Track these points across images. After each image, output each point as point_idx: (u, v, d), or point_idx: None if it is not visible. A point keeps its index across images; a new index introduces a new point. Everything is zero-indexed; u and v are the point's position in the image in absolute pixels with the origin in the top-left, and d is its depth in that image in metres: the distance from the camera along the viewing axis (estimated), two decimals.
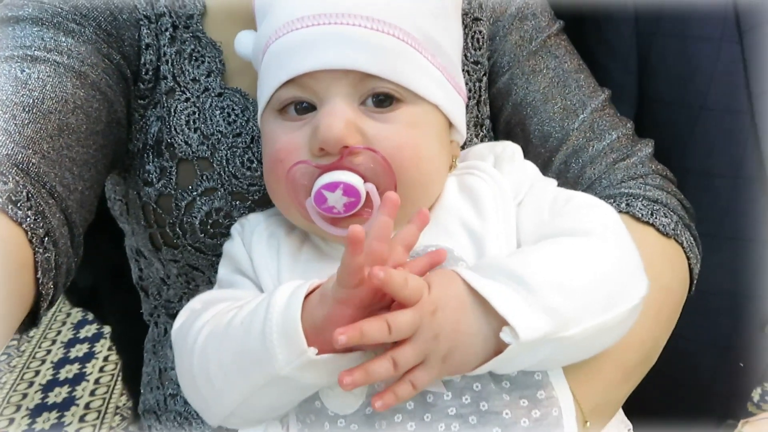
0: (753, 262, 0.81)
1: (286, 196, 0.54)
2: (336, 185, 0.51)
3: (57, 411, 1.89)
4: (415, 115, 0.55)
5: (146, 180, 0.68)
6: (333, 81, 0.52)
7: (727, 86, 0.75)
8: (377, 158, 0.52)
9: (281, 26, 0.54)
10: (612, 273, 0.50)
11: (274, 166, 0.55)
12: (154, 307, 0.82)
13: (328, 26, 0.52)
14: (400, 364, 0.45)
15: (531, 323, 0.45)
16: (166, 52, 0.67)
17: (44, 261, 0.48)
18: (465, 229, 0.56)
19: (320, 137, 0.51)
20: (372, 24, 0.52)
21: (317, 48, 0.52)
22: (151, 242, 0.70)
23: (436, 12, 0.57)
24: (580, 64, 0.75)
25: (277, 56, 0.54)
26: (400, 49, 0.53)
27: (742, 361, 0.86)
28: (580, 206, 0.56)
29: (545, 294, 0.46)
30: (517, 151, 0.63)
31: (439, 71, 0.56)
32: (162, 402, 0.79)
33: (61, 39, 0.61)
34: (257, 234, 0.60)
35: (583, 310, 0.47)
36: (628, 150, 0.71)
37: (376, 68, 0.52)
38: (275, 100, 0.55)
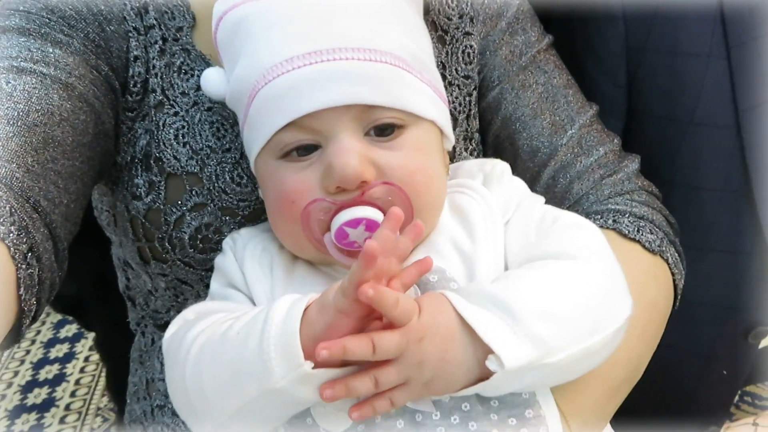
0: (737, 273, 0.82)
1: (300, 234, 0.54)
2: (358, 221, 0.51)
3: (37, 412, 1.86)
4: (419, 137, 0.55)
5: (135, 194, 0.67)
6: (336, 118, 0.52)
7: (714, 101, 0.76)
8: (394, 190, 0.52)
9: (268, 69, 0.53)
10: (598, 297, 0.51)
11: (286, 207, 0.54)
12: (141, 317, 0.81)
13: (321, 64, 0.51)
14: (381, 383, 0.45)
15: (516, 352, 0.46)
16: (155, 65, 0.66)
17: (27, 277, 0.48)
18: (456, 250, 0.56)
19: (337, 176, 0.51)
20: (364, 55, 0.52)
21: (315, 88, 0.51)
22: (140, 255, 0.70)
23: (410, 28, 0.58)
24: (568, 79, 0.76)
25: (271, 101, 0.53)
26: (395, 75, 0.53)
27: (725, 369, 0.87)
28: (566, 227, 0.57)
29: (531, 322, 0.47)
30: (506, 169, 0.63)
31: (428, 87, 0.57)
32: (149, 413, 0.78)
33: (48, 50, 0.60)
34: (249, 249, 0.60)
35: (569, 336, 0.48)
36: (615, 166, 0.73)
37: (377, 98, 0.52)
38: (275, 144, 0.54)
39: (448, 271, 0.54)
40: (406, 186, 0.53)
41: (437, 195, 0.57)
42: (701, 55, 0.75)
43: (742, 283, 0.82)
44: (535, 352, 0.46)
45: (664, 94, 0.78)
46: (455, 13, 0.74)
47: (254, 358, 0.46)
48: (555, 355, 0.47)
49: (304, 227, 0.53)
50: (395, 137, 0.54)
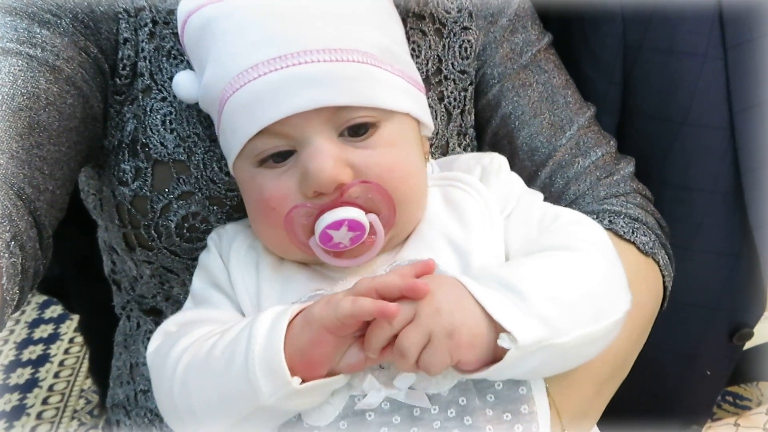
0: (724, 275, 0.83)
1: (284, 238, 0.54)
2: (340, 223, 0.51)
3: (19, 392, 1.85)
4: (393, 132, 0.54)
5: (121, 179, 0.66)
6: (307, 122, 0.51)
7: (708, 102, 0.76)
8: (372, 188, 0.52)
9: (235, 78, 0.52)
10: (599, 286, 0.52)
11: (267, 214, 0.54)
12: (126, 301, 0.80)
13: (287, 69, 0.51)
14: (405, 348, 0.45)
15: (527, 328, 0.46)
16: (144, 48, 0.64)
17: (10, 266, 0.47)
18: (450, 244, 0.56)
19: (313, 181, 0.51)
20: (330, 56, 0.51)
21: (283, 94, 0.51)
22: (125, 242, 0.69)
23: (380, 18, 0.57)
24: (567, 79, 0.76)
25: (241, 109, 0.53)
26: (364, 72, 0.53)
27: (709, 369, 0.88)
28: (568, 223, 0.57)
29: (537, 302, 0.47)
30: (504, 163, 0.63)
31: (400, 78, 0.56)
32: (132, 397, 0.78)
33: (36, 30, 0.58)
34: (236, 245, 0.59)
35: (573, 320, 0.49)
36: (611, 168, 0.73)
37: (346, 99, 0.51)
38: (249, 151, 0.54)
39: (441, 266, 0.54)
40: (385, 182, 0.52)
41: (417, 187, 0.56)
42: (697, 55, 0.75)
43: (728, 284, 0.82)
44: (544, 331, 0.47)
45: (658, 93, 0.78)
46: (454, 7, 0.73)
47: (241, 378, 0.46)
48: (561, 337, 0.48)
49: (289, 233, 0.53)
50: (369, 135, 0.53)
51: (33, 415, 1.77)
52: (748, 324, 0.85)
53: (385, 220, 0.53)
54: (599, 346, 0.52)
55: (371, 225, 0.52)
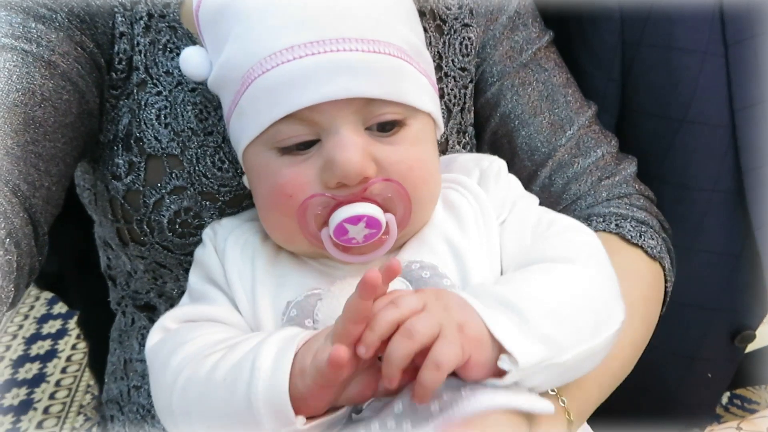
0: (725, 275, 0.82)
1: (293, 227, 0.53)
2: (359, 218, 0.50)
3: (27, 387, 1.87)
4: (417, 131, 0.54)
5: (114, 174, 0.66)
6: (337, 111, 0.50)
7: (708, 99, 0.75)
8: (394, 187, 0.51)
9: (266, 58, 0.50)
10: (598, 300, 0.51)
11: (282, 200, 0.52)
12: (121, 297, 0.80)
13: (323, 55, 0.49)
14: (415, 329, 0.42)
15: (528, 350, 0.45)
16: (140, 42, 0.65)
17: (4, 264, 0.47)
18: (449, 246, 0.56)
19: (339, 171, 0.50)
20: (367, 46, 0.50)
21: (317, 80, 0.49)
22: (119, 237, 0.69)
23: (409, 16, 0.57)
24: (568, 78, 0.76)
25: (269, 91, 0.51)
26: (398, 67, 0.52)
27: (710, 371, 0.87)
28: (564, 230, 0.57)
29: (539, 322, 0.46)
30: (503, 167, 0.63)
31: (425, 77, 0.56)
32: (125, 393, 0.78)
33: (31, 25, 0.58)
34: (231, 240, 0.59)
35: (574, 337, 0.48)
36: (613, 168, 0.73)
37: (379, 92, 0.51)
38: (271, 135, 0.52)
39: (440, 267, 0.54)
40: (406, 181, 0.52)
41: (434, 188, 0.56)
42: (697, 52, 0.74)
43: (729, 285, 0.81)
44: (545, 351, 0.45)
45: (658, 90, 0.77)
46: (455, 3, 0.73)
47: (243, 410, 0.45)
48: (563, 355, 0.46)
49: (301, 222, 0.52)
50: (395, 132, 0.53)
51: (40, 409, 1.79)
52: (749, 326, 0.83)
53: (400, 220, 0.53)
54: (599, 359, 0.51)
55: (387, 224, 0.52)
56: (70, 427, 1.73)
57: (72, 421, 1.75)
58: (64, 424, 1.74)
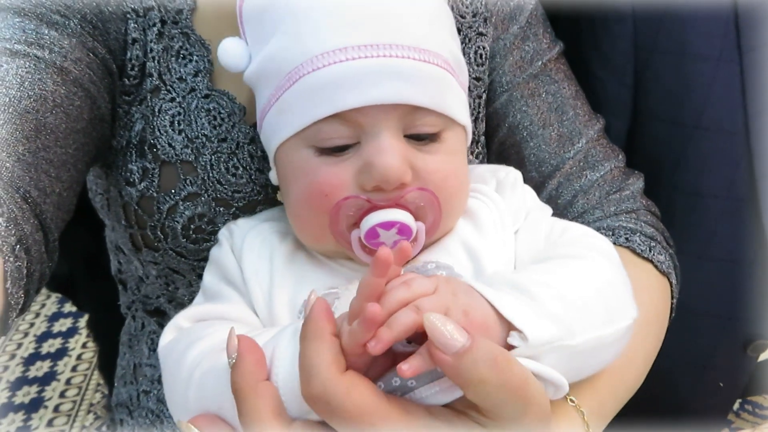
0: (737, 283, 0.81)
1: (323, 226, 0.53)
2: (393, 224, 0.51)
3: (38, 385, 1.89)
4: (454, 142, 0.55)
5: (128, 180, 0.66)
6: (382, 115, 0.51)
7: (722, 106, 0.75)
8: (428, 196, 0.52)
9: (318, 56, 0.51)
10: (608, 290, 0.51)
11: (317, 198, 0.53)
12: (132, 301, 0.81)
13: (376, 59, 0.50)
14: (423, 308, 0.41)
15: (539, 326, 0.44)
16: (153, 48, 0.65)
17: (14, 270, 0.47)
18: (464, 248, 0.56)
19: (378, 175, 0.50)
20: (418, 54, 0.51)
21: (368, 82, 0.50)
22: (132, 242, 0.69)
23: (453, 29, 0.58)
24: (577, 90, 0.76)
25: (317, 89, 0.51)
26: (444, 78, 0.53)
27: (722, 380, 0.86)
28: (577, 237, 0.57)
29: (548, 303, 0.46)
30: (519, 177, 0.63)
31: (463, 90, 0.57)
32: (135, 397, 0.78)
33: (44, 31, 0.59)
34: (248, 240, 0.59)
35: (585, 321, 0.47)
36: (620, 183, 0.73)
37: (427, 100, 0.51)
38: (312, 133, 0.52)
39: (456, 268, 0.53)
40: (440, 191, 0.52)
41: (464, 199, 0.57)
42: (711, 58, 0.73)
43: (742, 293, 0.80)
44: (556, 330, 0.45)
45: (670, 96, 0.76)
46: (469, 12, 0.73)
47: None
48: (574, 338, 0.46)
49: (333, 221, 0.52)
50: (433, 141, 0.53)
51: (50, 407, 1.80)
52: (762, 335, 0.82)
53: (428, 228, 0.53)
54: (611, 353, 0.51)
55: (416, 232, 0.52)
56: (80, 425, 1.74)
57: (82, 420, 1.76)
58: (74, 422, 1.76)
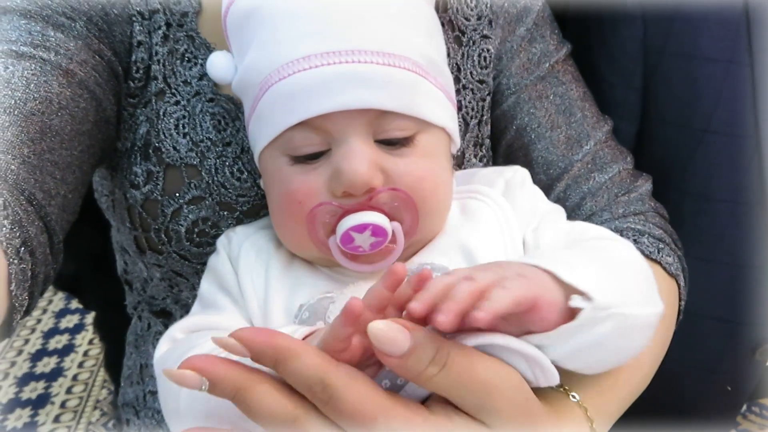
0: (746, 288, 0.80)
1: (303, 234, 0.53)
2: (365, 227, 0.50)
3: (45, 381, 1.90)
4: (429, 144, 0.54)
5: (133, 182, 0.66)
6: (349, 121, 0.51)
7: (732, 109, 0.74)
8: (401, 196, 0.51)
9: (284, 65, 0.51)
10: (643, 274, 0.51)
11: (291, 207, 0.53)
12: (138, 301, 0.81)
13: (339, 65, 0.50)
14: (476, 277, 0.40)
15: (601, 288, 0.43)
16: (158, 51, 0.65)
17: (19, 272, 0.47)
18: (461, 249, 0.55)
19: (345, 181, 0.50)
20: (384, 59, 0.51)
21: (332, 89, 0.50)
22: (136, 244, 0.69)
23: (428, 27, 0.56)
24: (585, 91, 0.75)
25: (284, 98, 0.52)
26: (413, 81, 0.52)
27: (730, 384, 0.85)
28: (598, 237, 0.56)
29: (602, 273, 0.46)
30: (527, 176, 0.62)
31: (441, 92, 0.56)
32: (141, 398, 0.78)
33: (50, 33, 0.58)
34: (245, 247, 0.59)
35: (629, 296, 0.47)
36: (629, 185, 0.72)
37: (392, 105, 0.51)
38: (284, 140, 0.53)
39: (451, 269, 0.53)
40: (414, 192, 0.52)
41: (443, 200, 0.56)
42: (721, 61, 0.72)
43: (751, 298, 0.79)
44: (615, 296, 0.44)
45: (680, 99, 0.75)
46: (474, 14, 0.72)
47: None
48: (628, 307, 0.45)
49: (309, 229, 0.52)
50: (405, 145, 0.53)
51: (57, 403, 1.81)
52: None
53: (407, 229, 0.53)
54: (643, 338, 0.49)
55: (393, 233, 0.52)
56: (87, 421, 1.75)
57: (88, 416, 1.77)
58: (81, 418, 1.76)
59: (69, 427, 1.73)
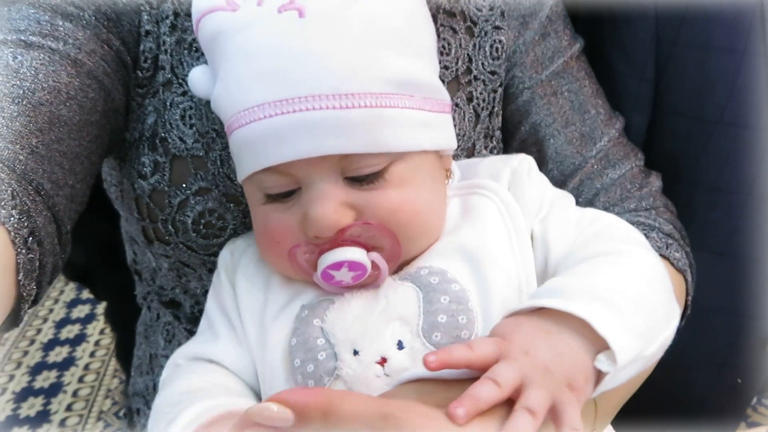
0: (757, 281, 0.79)
1: (290, 269, 0.54)
2: (340, 264, 0.50)
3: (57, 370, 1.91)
4: (404, 172, 0.52)
5: (140, 173, 0.66)
6: (312, 166, 0.50)
7: (746, 101, 0.73)
8: (373, 228, 0.51)
9: (241, 113, 0.51)
10: (664, 285, 0.50)
11: (272, 245, 0.54)
12: (147, 292, 0.81)
13: (293, 114, 0.48)
14: (536, 408, 0.40)
15: (626, 345, 0.43)
16: (166, 41, 0.64)
17: (27, 262, 0.47)
18: (460, 251, 0.55)
19: (313, 226, 0.50)
20: (338, 102, 0.48)
21: (288, 140, 0.49)
22: (144, 235, 0.69)
23: (403, 37, 0.53)
24: (597, 88, 0.75)
25: (247, 144, 0.51)
26: (375, 116, 0.50)
27: (740, 377, 0.85)
28: (609, 226, 0.56)
29: (630, 314, 0.45)
30: (533, 164, 0.61)
31: (419, 111, 0.53)
32: (151, 387, 0.79)
33: (58, 23, 0.58)
34: (244, 260, 0.60)
35: (656, 326, 0.47)
36: (640, 182, 0.72)
37: (354, 147, 0.49)
38: (255, 181, 0.53)
39: (449, 273, 0.53)
40: (389, 223, 0.51)
41: (426, 222, 0.55)
42: (736, 51, 0.71)
43: (762, 291, 0.79)
44: (638, 344, 0.44)
45: (692, 90, 0.74)
46: (486, 5, 0.72)
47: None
48: (649, 347, 0.45)
49: (293, 267, 0.53)
50: (376, 179, 0.52)
51: (69, 392, 1.83)
52: None
53: (389, 254, 0.52)
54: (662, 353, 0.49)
55: (373, 262, 0.51)
56: (98, 409, 1.77)
57: (100, 405, 1.79)
58: (93, 407, 1.78)
59: (81, 416, 1.74)
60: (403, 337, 0.50)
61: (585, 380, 0.43)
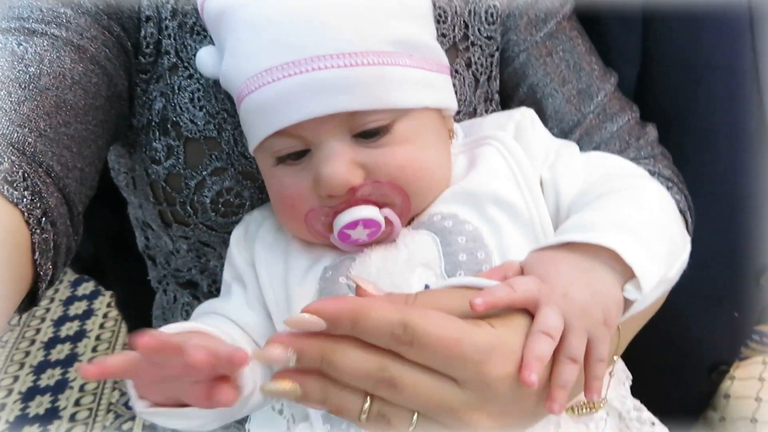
0: (749, 217, 0.82)
1: (308, 233, 0.56)
2: (355, 223, 0.53)
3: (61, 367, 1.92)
4: (408, 129, 0.55)
5: (154, 158, 0.67)
6: (321, 126, 0.52)
7: (732, 45, 0.75)
8: (384, 185, 0.53)
9: (250, 79, 0.53)
10: (676, 216, 0.55)
11: (288, 209, 0.57)
12: (162, 275, 0.82)
13: (299, 76, 0.51)
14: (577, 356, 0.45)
15: (651, 272, 0.47)
16: (168, 26, 0.65)
17: (42, 242, 0.48)
18: (465, 195, 0.57)
19: (326, 186, 0.52)
20: (342, 60, 0.51)
21: (295, 101, 0.51)
22: (161, 218, 0.70)
23: (398, 11, 0.55)
24: (590, 45, 0.77)
25: (256, 110, 0.54)
26: (378, 74, 0.52)
27: (737, 311, 0.88)
28: (618, 165, 0.60)
29: (654, 241, 0.49)
30: (536, 116, 0.64)
31: (419, 69, 0.56)
32: None
33: (60, 10, 0.59)
34: (262, 231, 0.62)
35: (674, 250, 0.51)
36: (638, 133, 0.75)
37: (360, 104, 0.52)
38: (267, 147, 0.55)
39: (460, 215, 0.56)
40: (398, 180, 0.54)
41: (433, 177, 0.57)
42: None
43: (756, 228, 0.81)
44: (661, 269, 0.48)
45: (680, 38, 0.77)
46: None
47: None
48: (671, 270, 0.50)
49: (310, 230, 0.55)
50: (383, 135, 0.54)
51: (76, 388, 1.84)
52: None
53: (401, 210, 0.55)
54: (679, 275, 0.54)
55: (386, 218, 0.54)
56: (107, 402, 1.78)
57: (108, 397, 1.80)
58: (101, 399, 1.79)
59: (90, 410, 1.76)
60: (429, 281, 0.53)
61: (617, 313, 0.47)
